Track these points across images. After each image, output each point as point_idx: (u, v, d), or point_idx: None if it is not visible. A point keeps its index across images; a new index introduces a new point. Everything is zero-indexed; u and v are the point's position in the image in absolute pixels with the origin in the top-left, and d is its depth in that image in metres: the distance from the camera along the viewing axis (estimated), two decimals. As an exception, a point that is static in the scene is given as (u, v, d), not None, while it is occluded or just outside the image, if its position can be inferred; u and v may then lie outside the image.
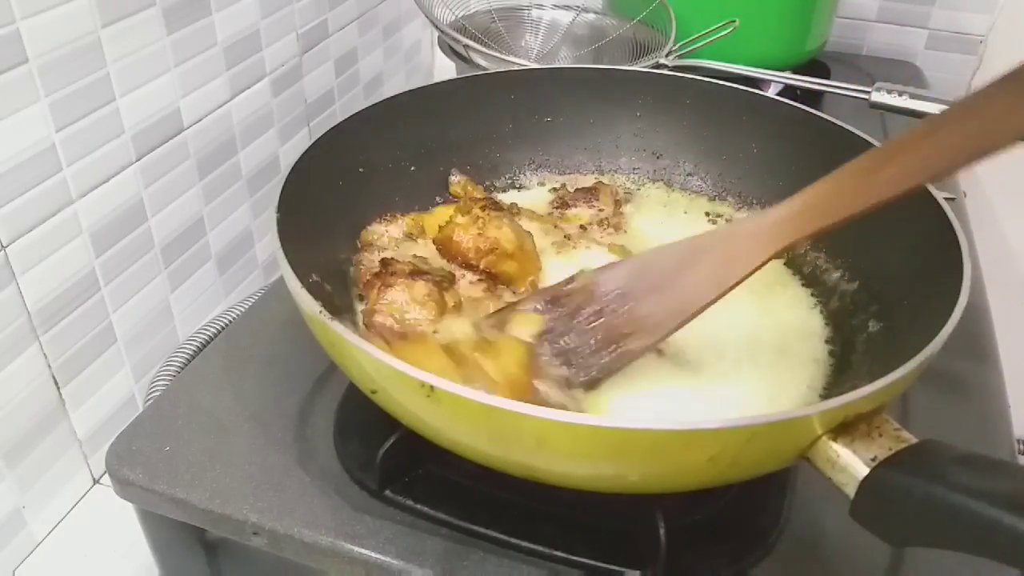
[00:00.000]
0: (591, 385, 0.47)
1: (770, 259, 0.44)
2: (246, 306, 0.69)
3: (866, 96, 0.72)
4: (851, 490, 0.36)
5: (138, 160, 0.69)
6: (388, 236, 0.59)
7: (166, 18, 0.69)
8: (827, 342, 0.55)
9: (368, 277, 0.54)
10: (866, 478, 0.36)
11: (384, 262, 0.54)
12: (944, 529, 0.34)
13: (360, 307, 0.55)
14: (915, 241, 0.53)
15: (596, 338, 0.47)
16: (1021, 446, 0.64)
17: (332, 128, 0.59)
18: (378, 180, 0.63)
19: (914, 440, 0.37)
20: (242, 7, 0.79)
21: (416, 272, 0.53)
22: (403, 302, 0.51)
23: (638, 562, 0.46)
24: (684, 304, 0.45)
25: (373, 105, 0.62)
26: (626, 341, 0.46)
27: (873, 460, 0.36)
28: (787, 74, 0.80)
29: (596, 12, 1.03)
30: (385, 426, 0.49)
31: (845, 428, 0.38)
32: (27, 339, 0.61)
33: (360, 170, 0.62)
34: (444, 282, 0.53)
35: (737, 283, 0.44)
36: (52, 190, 0.61)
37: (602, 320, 0.47)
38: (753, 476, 0.43)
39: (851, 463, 0.37)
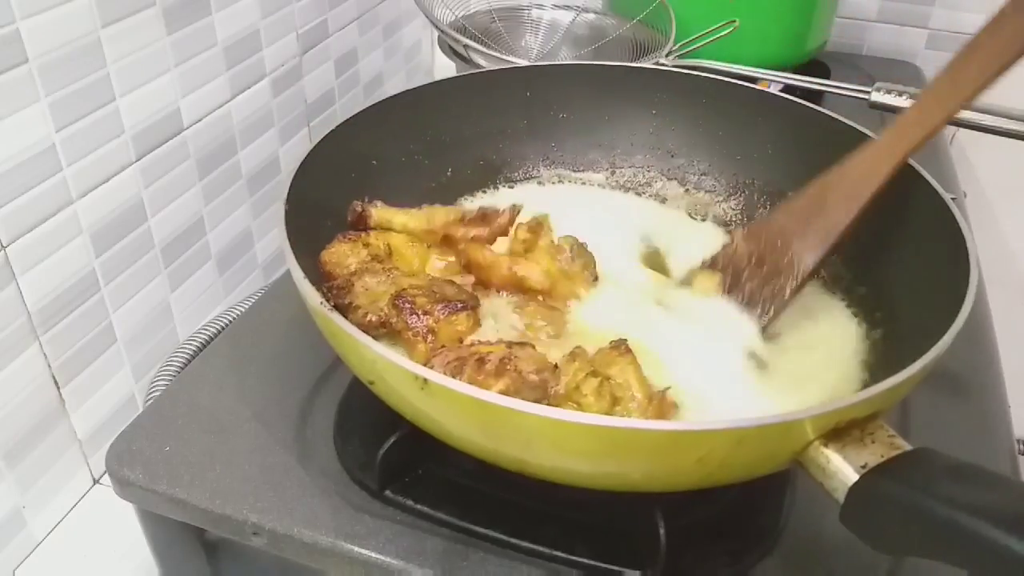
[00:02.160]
0: (774, 317, 0.54)
1: (890, 174, 0.52)
2: (246, 306, 0.69)
3: (866, 96, 0.72)
4: (840, 496, 0.36)
5: (138, 160, 0.69)
6: (356, 258, 0.54)
7: (166, 18, 0.69)
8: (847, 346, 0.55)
9: (401, 327, 0.49)
10: (855, 485, 0.36)
11: (400, 303, 0.49)
12: (929, 540, 0.33)
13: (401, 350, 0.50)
14: (923, 246, 0.52)
15: (766, 279, 0.55)
16: (1021, 447, 0.64)
17: (343, 122, 0.59)
18: (391, 174, 0.62)
19: (907, 448, 0.36)
20: (242, 7, 0.79)
21: (445, 302, 0.50)
22: (454, 333, 0.50)
23: (638, 562, 0.46)
24: (829, 231, 0.54)
25: (386, 100, 0.62)
26: (791, 273, 0.55)
27: (863, 467, 0.36)
28: (787, 74, 0.80)
29: (596, 12, 1.03)
30: (385, 426, 0.49)
31: (837, 434, 0.37)
32: (27, 339, 0.61)
33: (373, 163, 0.61)
34: (475, 303, 0.52)
35: (869, 199, 0.52)
36: (52, 190, 0.61)
37: (766, 267, 0.55)
38: (745, 479, 0.43)
39: (841, 469, 0.36)
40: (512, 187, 0.70)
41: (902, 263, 0.54)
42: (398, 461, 0.49)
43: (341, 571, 0.48)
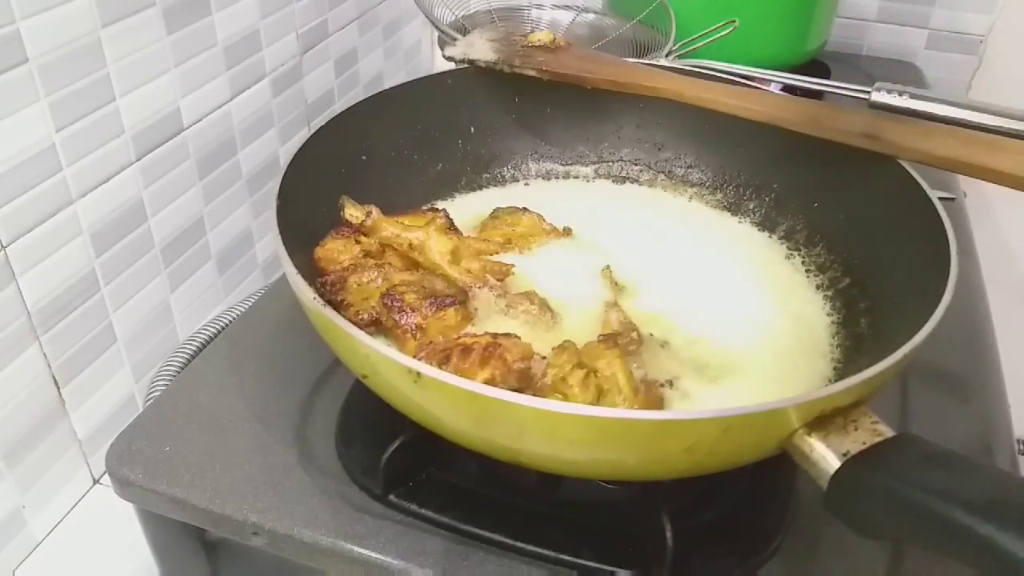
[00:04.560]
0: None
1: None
2: (246, 306, 0.69)
3: (866, 96, 0.72)
4: (824, 483, 0.37)
5: (138, 160, 0.69)
6: (348, 254, 0.54)
7: (166, 18, 0.69)
8: (833, 336, 0.55)
9: (391, 325, 0.50)
10: (836, 472, 0.36)
11: (389, 302, 0.50)
12: (907, 526, 0.34)
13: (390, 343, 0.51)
14: (907, 239, 0.53)
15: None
16: (1021, 446, 0.64)
17: (334, 117, 0.59)
18: (380, 168, 0.63)
19: (889, 434, 0.37)
20: (242, 7, 0.78)
21: (433, 298, 0.50)
22: (443, 329, 0.50)
23: (644, 564, 0.46)
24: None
25: (375, 95, 0.63)
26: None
27: (845, 454, 0.36)
28: (787, 74, 0.80)
29: (596, 12, 1.03)
30: (388, 431, 0.49)
31: (821, 421, 0.38)
32: (27, 339, 0.61)
33: (363, 158, 0.62)
34: (464, 297, 0.53)
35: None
36: (52, 190, 0.61)
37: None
38: (734, 466, 0.43)
39: (824, 456, 0.37)
40: (501, 181, 0.71)
41: (887, 256, 0.55)
42: (402, 466, 0.49)
43: (341, 571, 0.48)
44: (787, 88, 0.80)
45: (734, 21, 0.86)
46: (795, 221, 0.63)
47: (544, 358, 0.46)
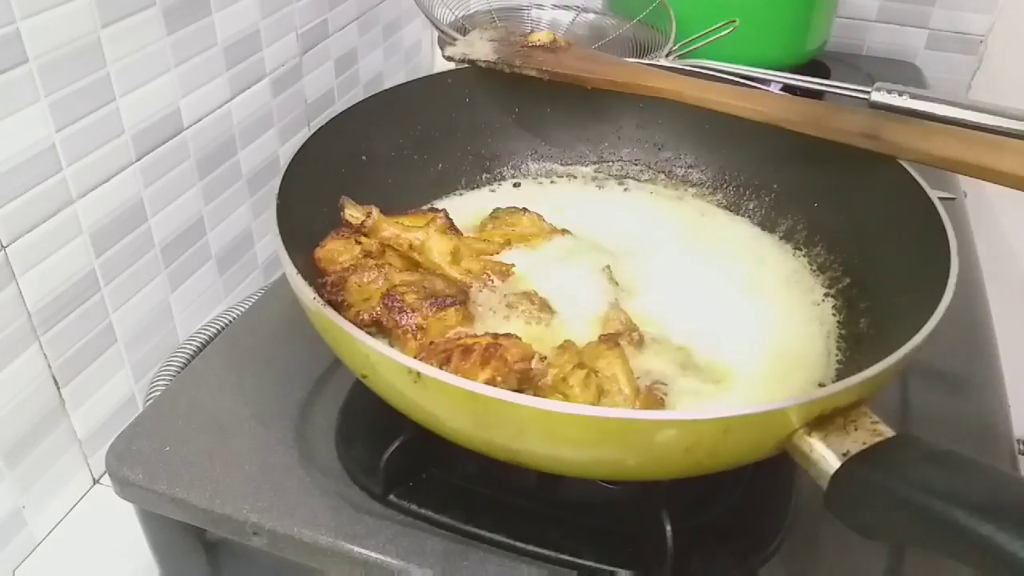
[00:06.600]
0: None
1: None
2: (246, 306, 0.69)
3: (866, 96, 0.72)
4: (824, 483, 0.37)
5: (138, 160, 0.69)
6: (349, 255, 0.54)
7: (166, 18, 0.69)
8: (833, 336, 0.55)
9: (391, 325, 0.50)
10: (836, 472, 0.36)
11: (389, 303, 0.50)
12: (908, 526, 0.34)
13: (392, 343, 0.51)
14: (907, 239, 0.53)
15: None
16: (1021, 446, 0.64)
17: (334, 117, 0.59)
18: (381, 168, 0.63)
19: (889, 434, 0.37)
20: (242, 7, 0.78)
21: (434, 298, 0.51)
22: (443, 329, 0.50)
23: (645, 564, 0.46)
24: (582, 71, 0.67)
25: (375, 95, 0.63)
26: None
27: (845, 455, 0.36)
28: (787, 74, 0.80)
29: (596, 12, 1.03)
30: (388, 431, 0.49)
31: (821, 422, 0.38)
32: (27, 339, 0.61)
33: (363, 158, 0.62)
34: (464, 297, 0.53)
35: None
36: (52, 190, 0.61)
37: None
38: (734, 466, 0.43)
39: (824, 457, 0.37)
40: (501, 181, 0.71)
41: (888, 256, 0.55)
42: (402, 466, 0.49)
43: (341, 571, 0.48)
44: (787, 88, 0.80)
45: (734, 21, 0.86)
46: (795, 221, 0.63)
47: (544, 358, 0.46)
